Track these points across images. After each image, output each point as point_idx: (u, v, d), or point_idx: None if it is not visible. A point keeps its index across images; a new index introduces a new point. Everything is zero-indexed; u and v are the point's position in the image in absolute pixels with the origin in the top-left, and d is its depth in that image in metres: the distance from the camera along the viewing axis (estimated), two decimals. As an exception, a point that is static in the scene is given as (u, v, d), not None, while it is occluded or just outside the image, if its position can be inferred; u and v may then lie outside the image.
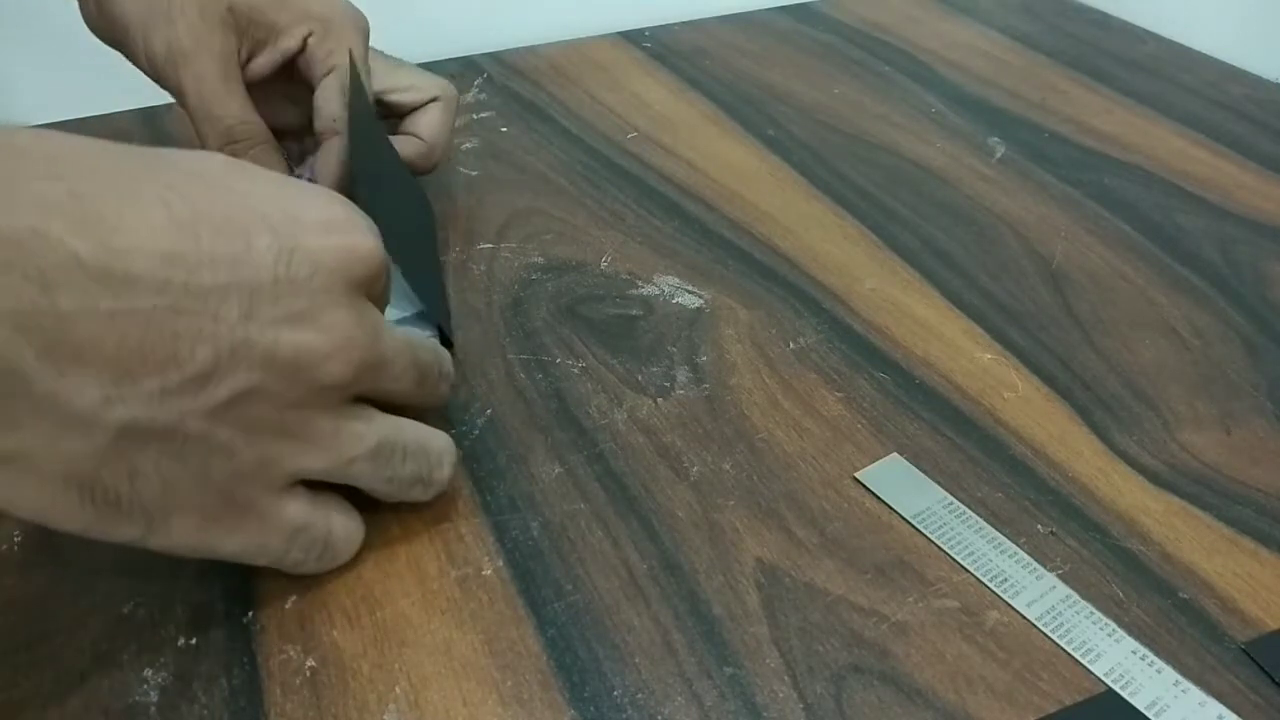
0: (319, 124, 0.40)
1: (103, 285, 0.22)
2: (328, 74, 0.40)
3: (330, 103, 0.40)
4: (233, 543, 0.27)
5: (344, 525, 0.30)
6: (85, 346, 0.22)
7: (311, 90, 0.41)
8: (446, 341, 0.38)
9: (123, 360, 0.23)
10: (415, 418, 0.30)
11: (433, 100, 0.45)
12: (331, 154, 0.40)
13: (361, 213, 0.28)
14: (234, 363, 0.24)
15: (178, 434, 0.24)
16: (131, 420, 0.23)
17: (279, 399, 0.25)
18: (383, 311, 0.29)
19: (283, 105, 0.42)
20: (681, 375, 0.38)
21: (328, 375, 0.26)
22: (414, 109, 0.45)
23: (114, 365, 0.22)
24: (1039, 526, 0.32)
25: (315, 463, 0.27)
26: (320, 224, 0.26)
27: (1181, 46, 0.65)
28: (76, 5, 0.41)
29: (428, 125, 0.44)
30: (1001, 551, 0.31)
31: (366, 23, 0.42)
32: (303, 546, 0.28)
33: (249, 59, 0.40)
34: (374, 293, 0.28)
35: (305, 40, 0.40)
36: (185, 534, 0.26)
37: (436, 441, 0.31)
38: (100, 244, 0.22)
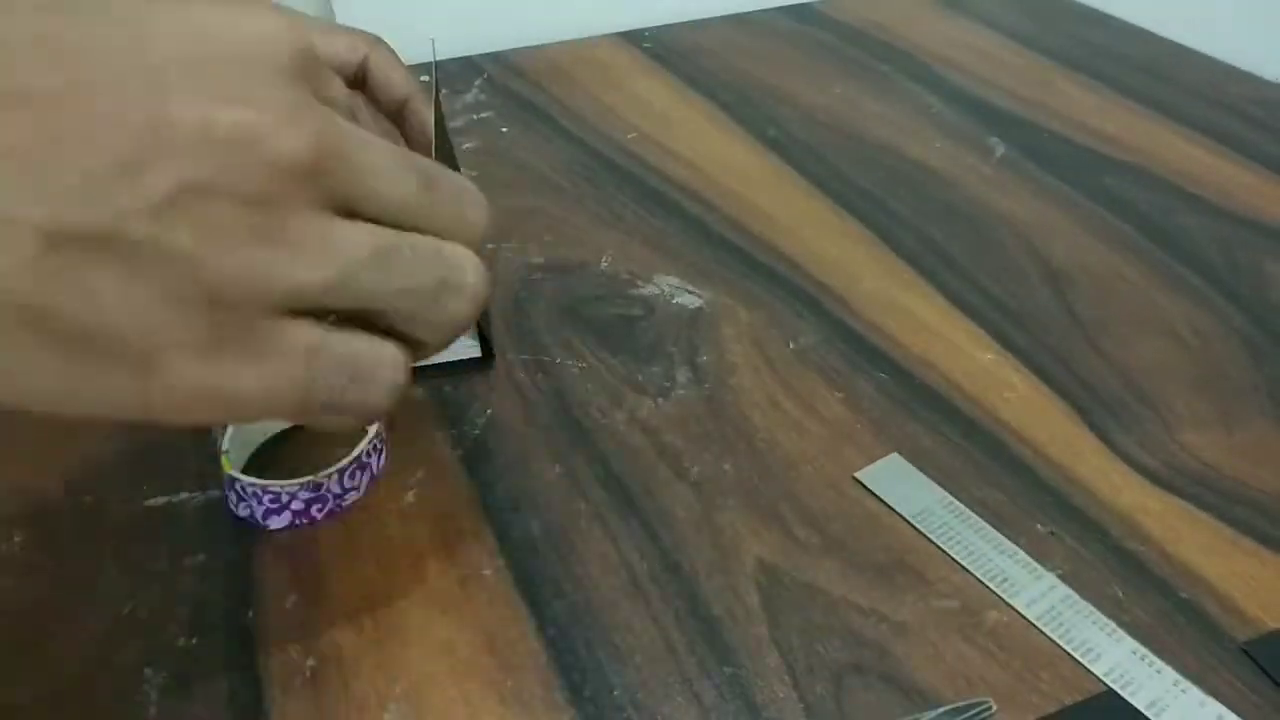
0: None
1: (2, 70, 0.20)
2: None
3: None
4: (250, 378, 0.22)
5: (371, 344, 0.24)
6: None
7: None
8: (487, 346, 0.38)
9: (31, 150, 0.20)
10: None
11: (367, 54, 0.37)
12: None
13: (287, 10, 0.24)
14: (159, 145, 0.20)
15: (123, 241, 0.20)
16: (56, 219, 0.20)
17: (236, 193, 0.21)
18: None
19: None
20: (681, 375, 0.38)
21: (281, 152, 0.22)
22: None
23: (20, 155, 0.20)
24: (1039, 526, 0.32)
25: (310, 273, 0.22)
26: (228, 15, 0.23)
27: (1181, 47, 0.65)
28: None
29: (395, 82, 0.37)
30: (1001, 551, 0.31)
31: None
32: (329, 369, 0.23)
33: None
34: (317, 87, 0.24)
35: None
36: (191, 373, 0.22)
37: (450, 246, 0.25)
38: None
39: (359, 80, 0.38)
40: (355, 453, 0.32)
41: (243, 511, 0.32)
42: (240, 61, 0.22)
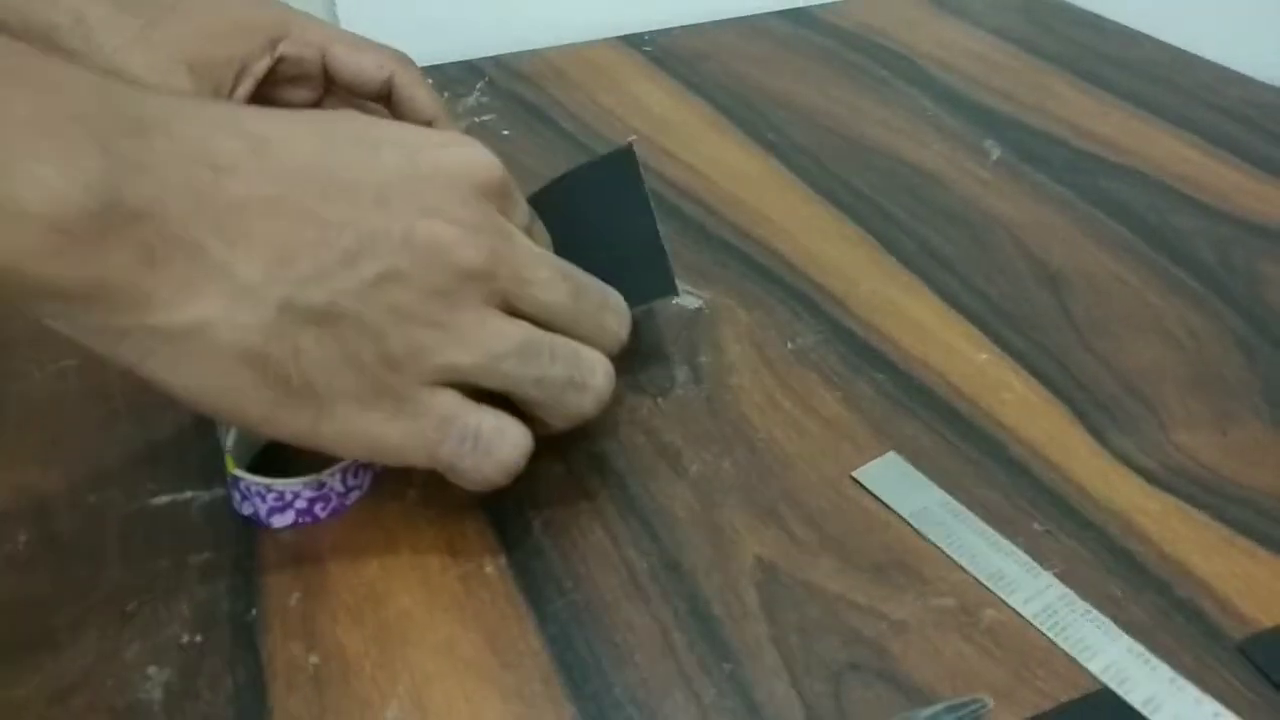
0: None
1: (263, 176, 0.26)
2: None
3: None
4: (394, 431, 0.28)
5: (496, 420, 0.29)
6: (251, 227, 0.26)
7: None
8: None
9: (280, 240, 0.26)
10: None
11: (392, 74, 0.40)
12: None
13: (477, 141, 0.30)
14: (374, 245, 0.27)
15: (332, 313, 0.26)
16: (290, 296, 0.26)
17: (422, 284, 0.27)
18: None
19: None
20: (681, 375, 0.39)
21: (462, 259, 0.27)
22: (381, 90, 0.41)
23: (273, 245, 0.26)
24: (1036, 526, 0.32)
25: (463, 356, 0.28)
26: (439, 141, 0.29)
27: (1177, 49, 0.65)
28: None
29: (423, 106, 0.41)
30: (999, 550, 0.31)
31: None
32: (456, 436, 0.28)
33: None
34: (503, 206, 0.30)
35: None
36: (350, 419, 0.27)
37: (588, 350, 0.31)
38: (257, 145, 0.26)
39: (384, 97, 0.41)
40: (357, 452, 0.32)
41: (246, 510, 0.32)
42: (443, 183, 0.28)
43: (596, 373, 0.31)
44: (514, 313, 0.29)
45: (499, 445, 0.29)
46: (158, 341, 0.25)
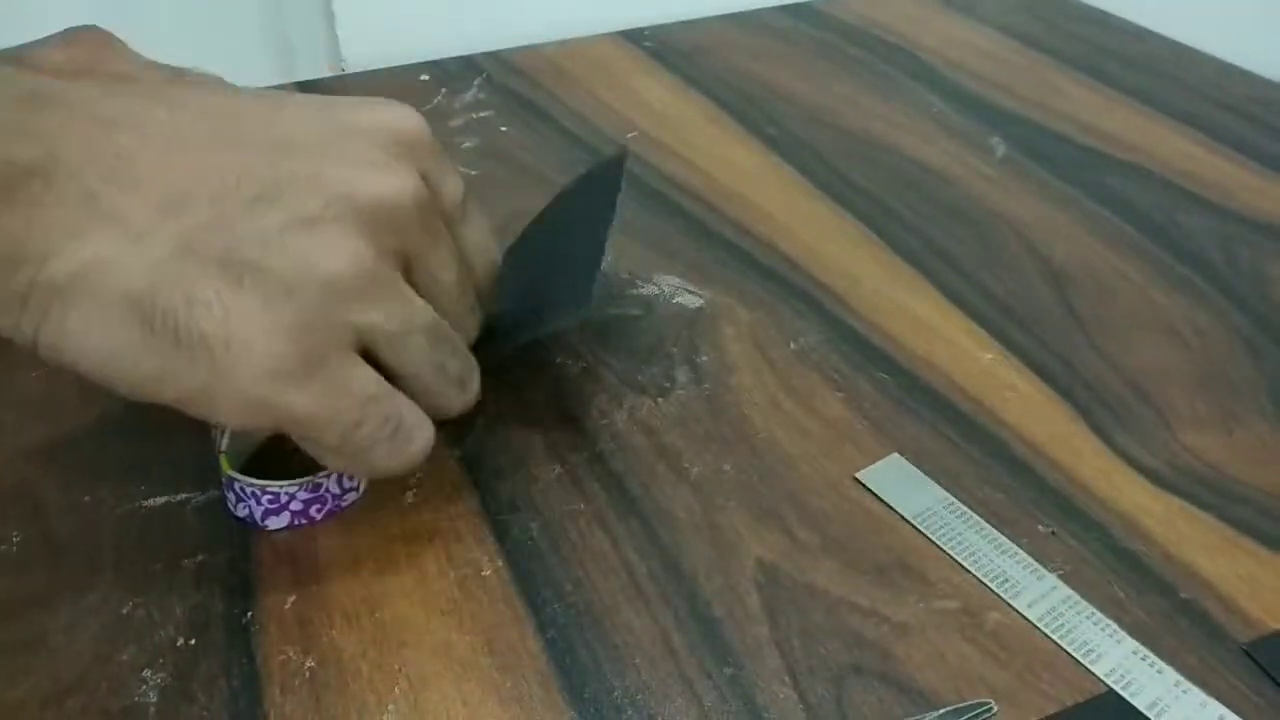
0: None
1: (159, 128, 0.25)
2: None
3: None
4: (304, 400, 0.26)
5: (415, 414, 0.28)
6: (144, 173, 0.24)
7: None
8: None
9: (175, 186, 0.24)
10: None
11: None
12: None
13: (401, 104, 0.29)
14: (279, 191, 0.25)
15: (232, 261, 0.24)
16: (185, 240, 0.24)
17: (335, 230, 0.25)
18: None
19: None
20: (681, 375, 0.38)
21: (378, 194, 0.26)
22: None
23: (168, 190, 0.24)
24: (1040, 527, 0.32)
25: (381, 319, 0.26)
26: (355, 101, 0.28)
27: (1182, 45, 0.65)
28: None
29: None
30: (1002, 552, 0.31)
31: None
32: (375, 420, 0.27)
33: None
34: (426, 168, 0.28)
35: None
36: (253, 381, 0.25)
37: (470, 360, 0.31)
38: (154, 102, 0.25)
39: None
40: (354, 453, 0.32)
41: (241, 512, 0.32)
42: (358, 137, 0.27)
43: (474, 379, 0.31)
44: (409, 283, 0.28)
45: (417, 438, 0.28)
46: (50, 296, 0.24)
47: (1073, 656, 0.28)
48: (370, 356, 0.27)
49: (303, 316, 0.25)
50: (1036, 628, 0.29)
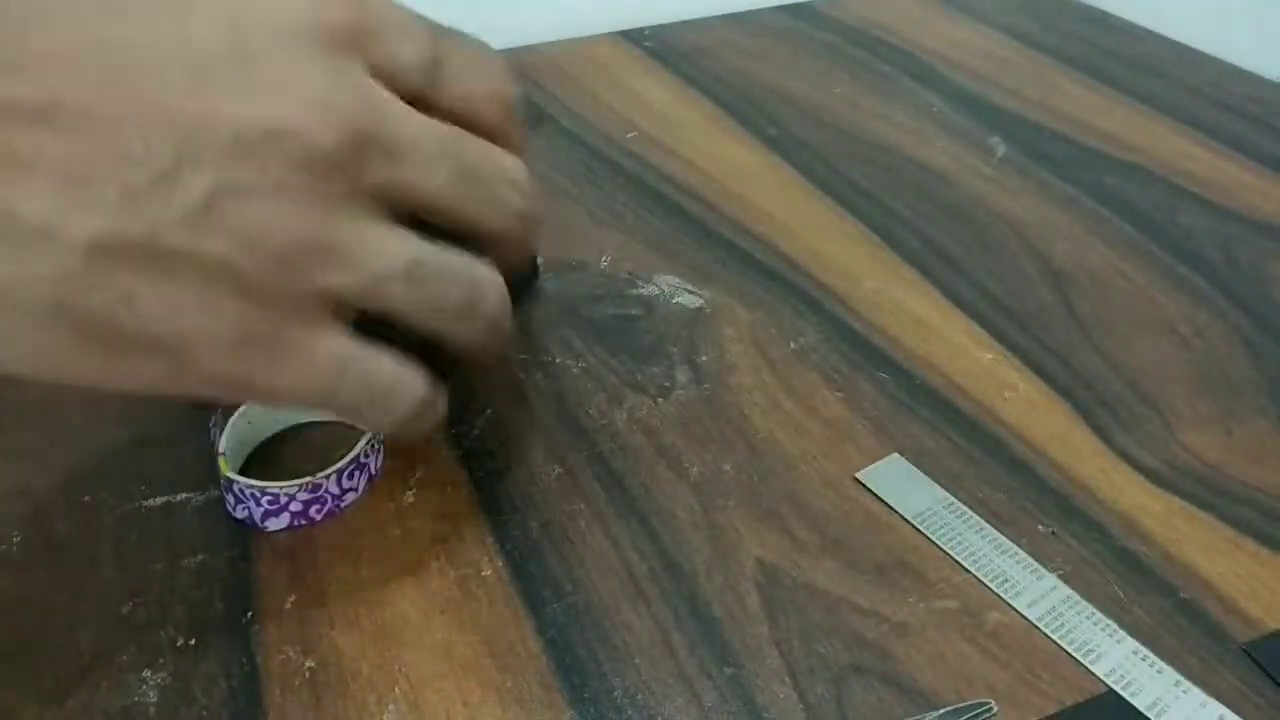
0: None
1: (28, 71, 0.20)
2: None
3: None
4: (271, 375, 0.23)
5: (395, 367, 0.25)
6: (23, 154, 0.20)
7: None
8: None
9: (71, 163, 0.20)
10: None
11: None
12: None
13: None
14: (195, 152, 0.20)
15: (160, 250, 0.21)
16: (98, 232, 0.20)
17: (269, 192, 0.21)
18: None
19: None
20: (681, 375, 0.38)
21: (314, 146, 0.21)
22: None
23: (59, 169, 0.20)
24: (1040, 527, 0.32)
25: (341, 277, 0.23)
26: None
27: (1182, 45, 0.65)
28: None
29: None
30: (1002, 552, 0.31)
31: None
32: (350, 387, 0.24)
33: None
34: (371, 53, 0.23)
35: None
36: (219, 363, 0.22)
37: (481, 267, 0.26)
38: (17, 28, 0.20)
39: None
40: (354, 453, 0.32)
41: (241, 513, 0.32)
42: (279, 42, 0.21)
43: (490, 298, 0.26)
44: (395, 208, 0.24)
45: (396, 405, 0.25)
46: None
47: (1073, 656, 0.28)
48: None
49: (253, 297, 0.22)
50: (1036, 628, 0.29)
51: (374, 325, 0.25)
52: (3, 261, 0.20)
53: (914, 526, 0.32)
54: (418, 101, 0.25)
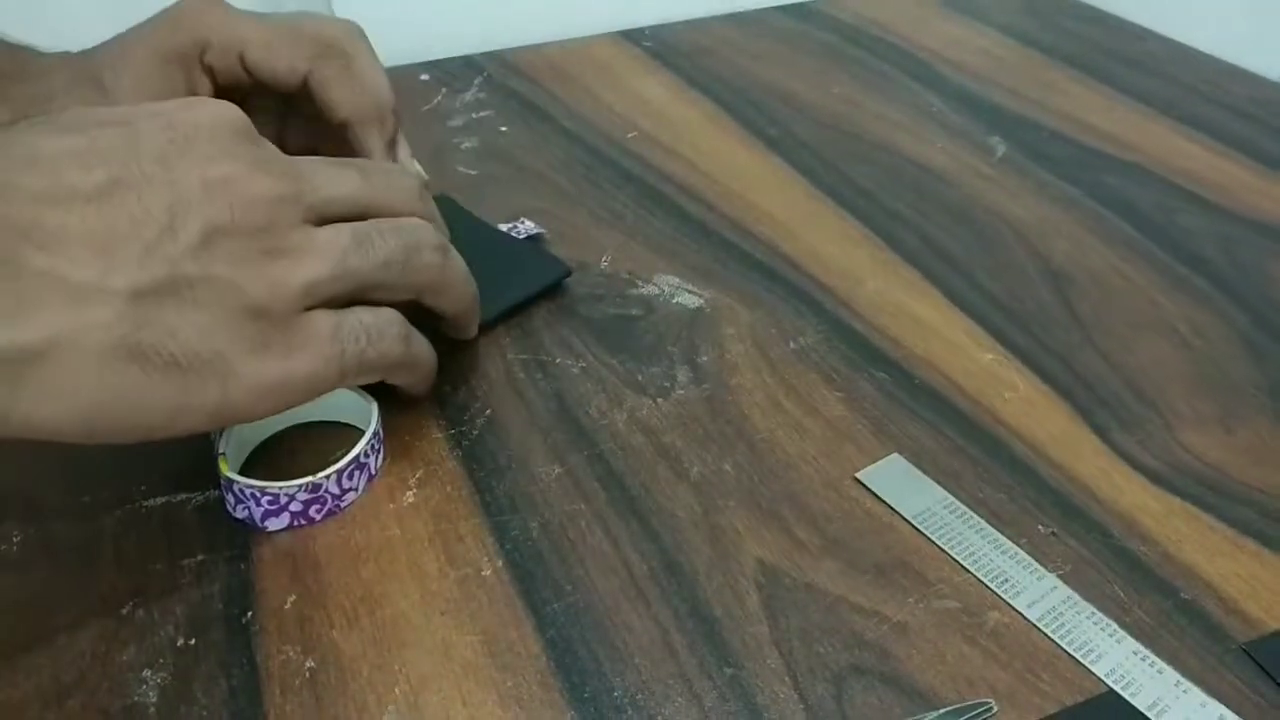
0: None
1: (46, 186, 0.25)
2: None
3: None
4: (297, 365, 0.29)
5: (372, 311, 0.31)
6: (57, 231, 0.25)
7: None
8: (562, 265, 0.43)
9: (94, 231, 0.26)
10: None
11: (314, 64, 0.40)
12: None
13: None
14: (184, 206, 0.27)
15: (181, 282, 0.26)
16: (134, 281, 0.26)
17: (244, 226, 0.28)
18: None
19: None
20: (681, 375, 0.38)
21: (266, 190, 0.28)
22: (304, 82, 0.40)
23: (90, 238, 0.25)
24: (1040, 527, 0.32)
25: (316, 269, 0.29)
26: (181, 104, 0.30)
27: (1182, 45, 0.65)
28: None
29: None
30: (1002, 552, 0.31)
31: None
32: (349, 337, 0.30)
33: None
34: (259, 142, 0.30)
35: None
36: (258, 371, 0.28)
37: (406, 220, 0.32)
38: (27, 159, 0.26)
39: (308, 96, 0.40)
40: (353, 453, 0.32)
41: (241, 513, 0.32)
42: (206, 136, 0.28)
43: (420, 232, 0.32)
44: (326, 222, 0.30)
45: (387, 326, 0.31)
46: (20, 368, 0.24)
47: (1073, 656, 0.28)
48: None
49: (256, 308, 0.28)
50: (1036, 628, 0.29)
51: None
52: (65, 317, 0.25)
53: (914, 526, 0.32)
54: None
